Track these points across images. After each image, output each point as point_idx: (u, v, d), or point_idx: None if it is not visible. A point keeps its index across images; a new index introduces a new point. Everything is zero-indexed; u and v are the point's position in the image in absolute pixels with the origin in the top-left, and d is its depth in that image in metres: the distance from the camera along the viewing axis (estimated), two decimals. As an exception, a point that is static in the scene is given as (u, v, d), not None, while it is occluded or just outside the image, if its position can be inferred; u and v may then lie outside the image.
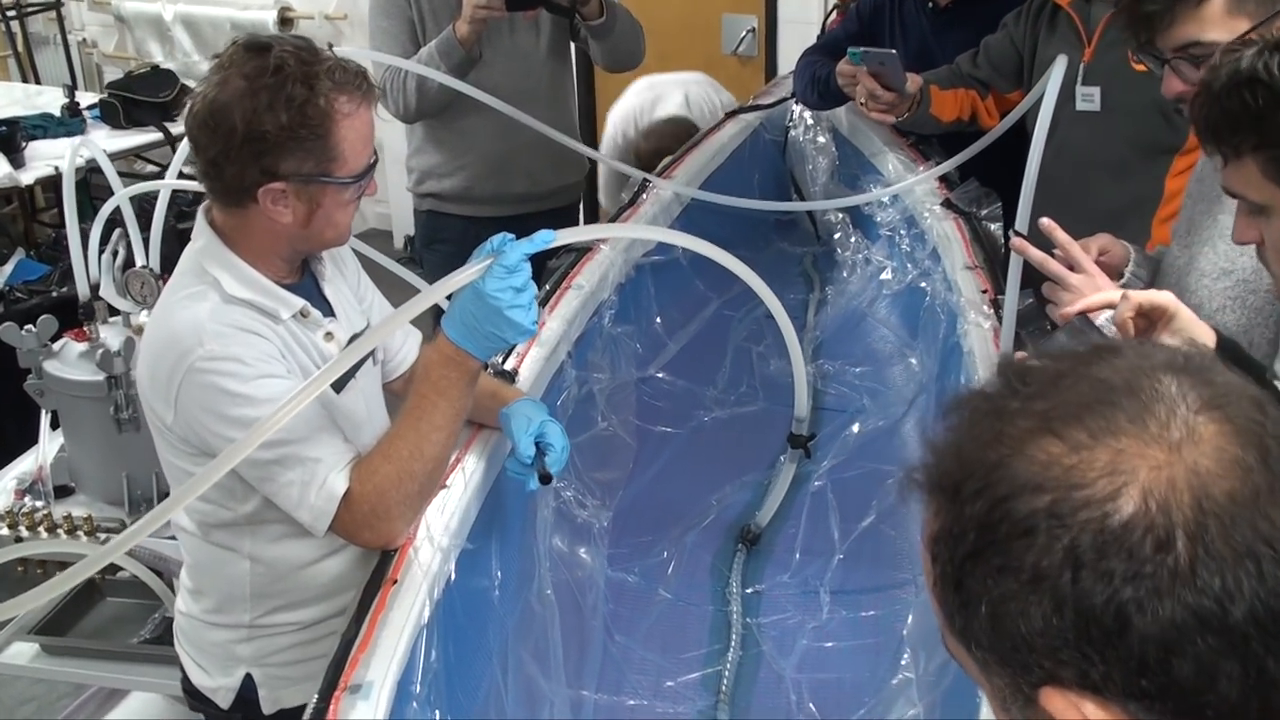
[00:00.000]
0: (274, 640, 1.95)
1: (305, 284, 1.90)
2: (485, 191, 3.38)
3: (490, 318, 1.70)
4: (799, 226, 3.67)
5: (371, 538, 1.78)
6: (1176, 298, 1.85)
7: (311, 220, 1.76)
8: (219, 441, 1.73)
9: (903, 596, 2.21)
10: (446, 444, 1.79)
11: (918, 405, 2.70)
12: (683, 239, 1.91)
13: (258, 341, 1.76)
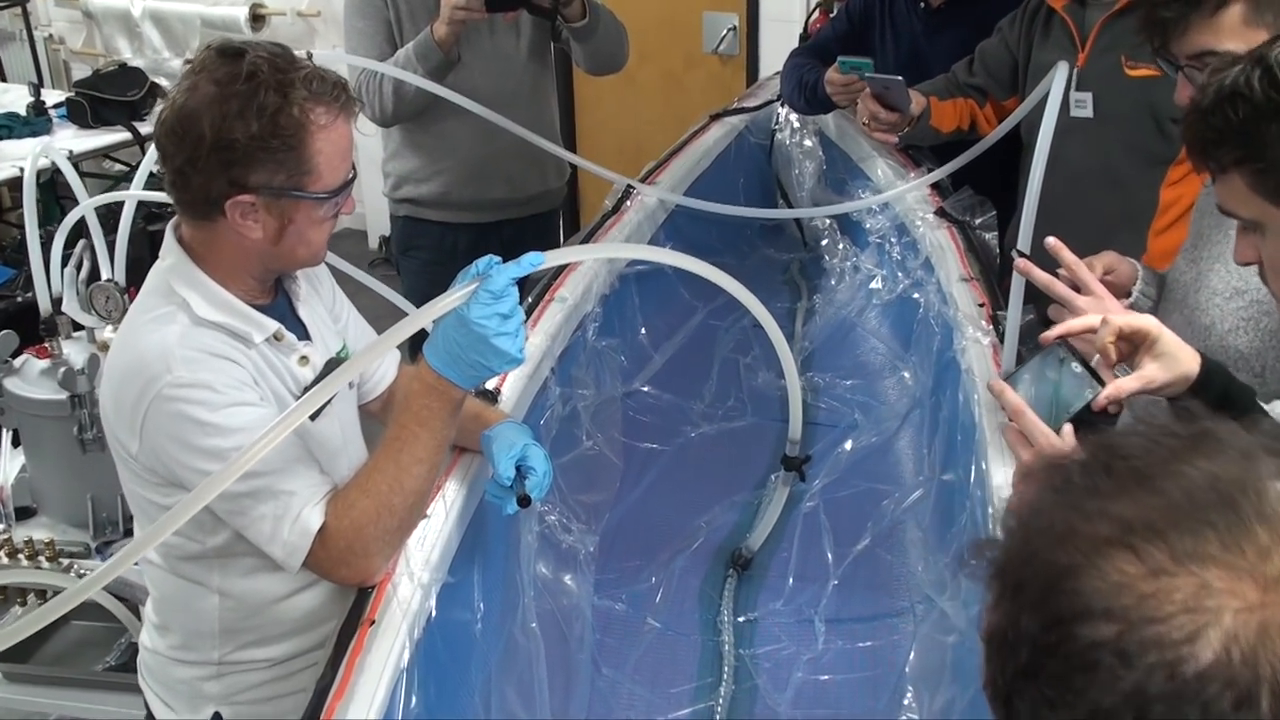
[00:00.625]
0: (244, 677, 1.85)
1: (279, 305, 1.81)
2: (464, 197, 3.28)
3: (475, 346, 1.61)
4: (785, 232, 3.59)
5: (348, 575, 1.69)
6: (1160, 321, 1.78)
7: (283, 237, 1.67)
8: (187, 473, 1.64)
9: (901, 626, 2.13)
10: (428, 477, 1.70)
11: (911, 421, 2.63)
12: (678, 259, 1.83)
13: (229, 367, 1.67)
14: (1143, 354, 1.54)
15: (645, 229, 2.96)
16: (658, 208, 3.03)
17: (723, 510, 2.47)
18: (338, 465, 1.81)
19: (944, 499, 2.29)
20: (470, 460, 1.96)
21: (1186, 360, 1.53)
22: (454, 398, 1.67)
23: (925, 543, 2.26)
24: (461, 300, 1.59)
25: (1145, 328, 1.53)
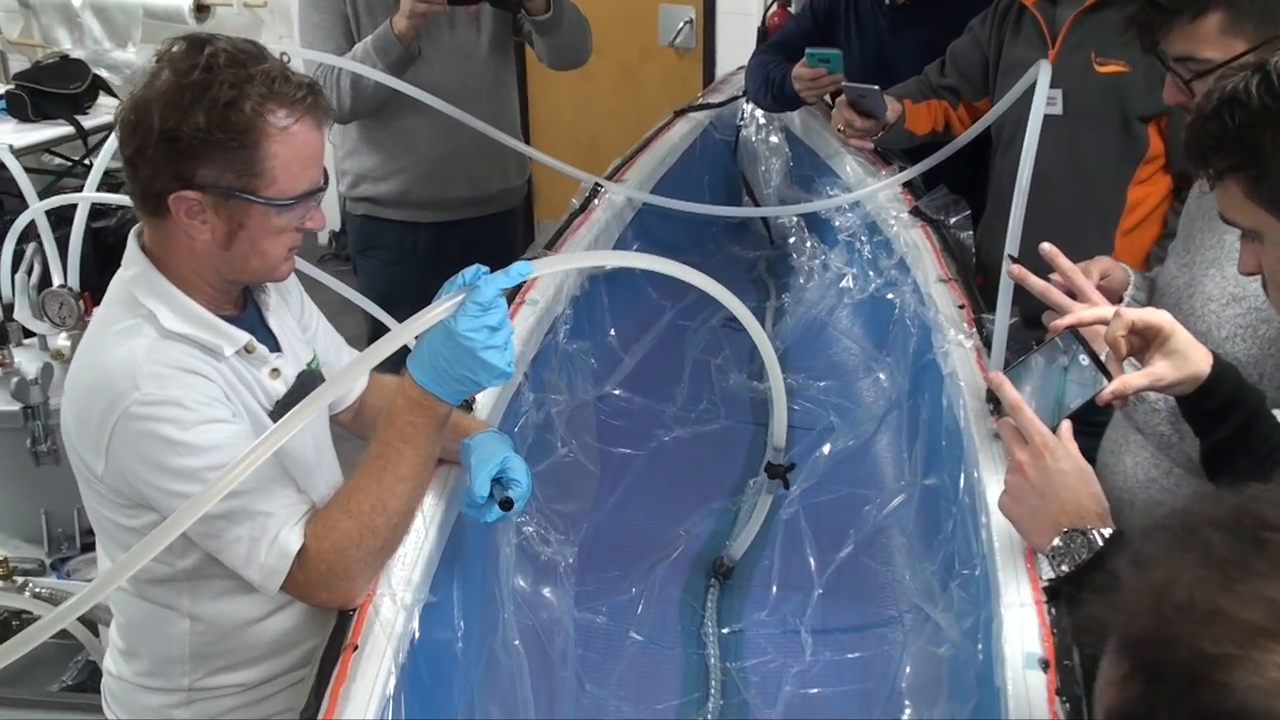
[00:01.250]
0: (216, 703, 1.78)
1: (248, 315, 1.73)
2: (424, 196, 3.20)
3: (462, 360, 1.54)
4: (751, 230, 3.55)
5: (329, 598, 1.63)
6: (1173, 317, 1.76)
7: (233, 243, 1.59)
8: (157, 494, 1.56)
9: (890, 636, 2.09)
10: (412, 496, 1.64)
11: (889, 424, 2.59)
12: (678, 269, 1.76)
13: (199, 383, 1.59)
14: (1154, 351, 1.51)
15: (614, 228, 2.90)
16: (625, 206, 2.98)
17: (701, 517, 2.42)
18: (313, 481, 1.74)
19: (928, 504, 2.25)
20: (447, 472, 1.90)
21: (1198, 360, 1.50)
22: (439, 414, 1.61)
23: (911, 550, 2.23)
24: (448, 312, 1.53)
25: (1159, 323, 1.51)
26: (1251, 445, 1.50)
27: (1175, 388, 1.51)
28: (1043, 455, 1.37)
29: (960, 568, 1.92)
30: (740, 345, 3.03)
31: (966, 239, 2.66)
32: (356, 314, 2.62)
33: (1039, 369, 1.50)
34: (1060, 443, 1.39)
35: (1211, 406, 1.52)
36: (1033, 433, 1.39)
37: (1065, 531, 1.33)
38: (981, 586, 1.79)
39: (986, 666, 1.66)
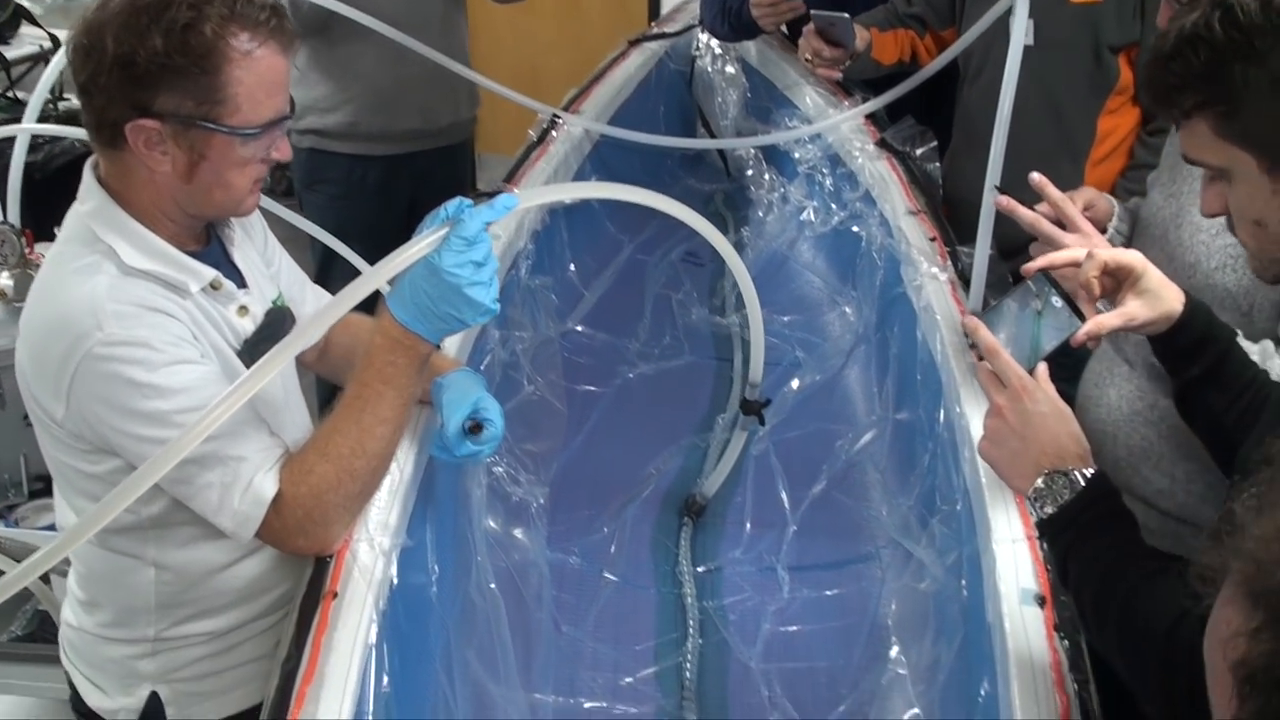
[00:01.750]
0: (183, 653, 1.71)
1: (212, 250, 1.65)
2: (373, 128, 3.10)
3: (447, 297, 1.47)
4: (707, 162, 3.48)
5: (305, 544, 1.57)
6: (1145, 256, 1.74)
7: (195, 174, 1.50)
8: (123, 439, 1.49)
9: (868, 572, 2.08)
10: (393, 438, 1.58)
11: (857, 358, 2.57)
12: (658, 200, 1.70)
13: (166, 322, 1.50)
14: (1126, 290, 1.49)
15: (572, 161, 2.83)
16: (583, 138, 2.90)
17: (670, 455, 2.39)
18: (282, 423, 1.67)
19: (902, 439, 2.23)
20: (419, 413, 1.84)
21: (1170, 299, 1.49)
22: (421, 353, 1.54)
23: (885, 485, 2.21)
24: (432, 247, 1.46)
25: (1130, 263, 1.49)
26: (1224, 383, 1.49)
27: (1148, 327, 1.49)
28: (1021, 398, 1.35)
29: (941, 503, 1.90)
30: (701, 280, 2.99)
31: (933, 171, 2.62)
32: (303, 251, 2.53)
33: (1013, 312, 1.47)
34: (1038, 385, 1.36)
35: (1183, 344, 1.50)
36: (1010, 376, 1.37)
37: (1047, 473, 1.31)
38: (964, 522, 1.77)
39: (974, 602, 1.64)
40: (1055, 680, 1.38)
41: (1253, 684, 0.61)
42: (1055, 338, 1.44)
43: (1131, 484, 1.84)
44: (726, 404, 2.54)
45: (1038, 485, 1.32)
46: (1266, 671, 0.60)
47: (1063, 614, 1.47)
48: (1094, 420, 1.90)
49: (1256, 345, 1.64)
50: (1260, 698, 0.60)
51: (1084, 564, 1.28)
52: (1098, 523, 1.28)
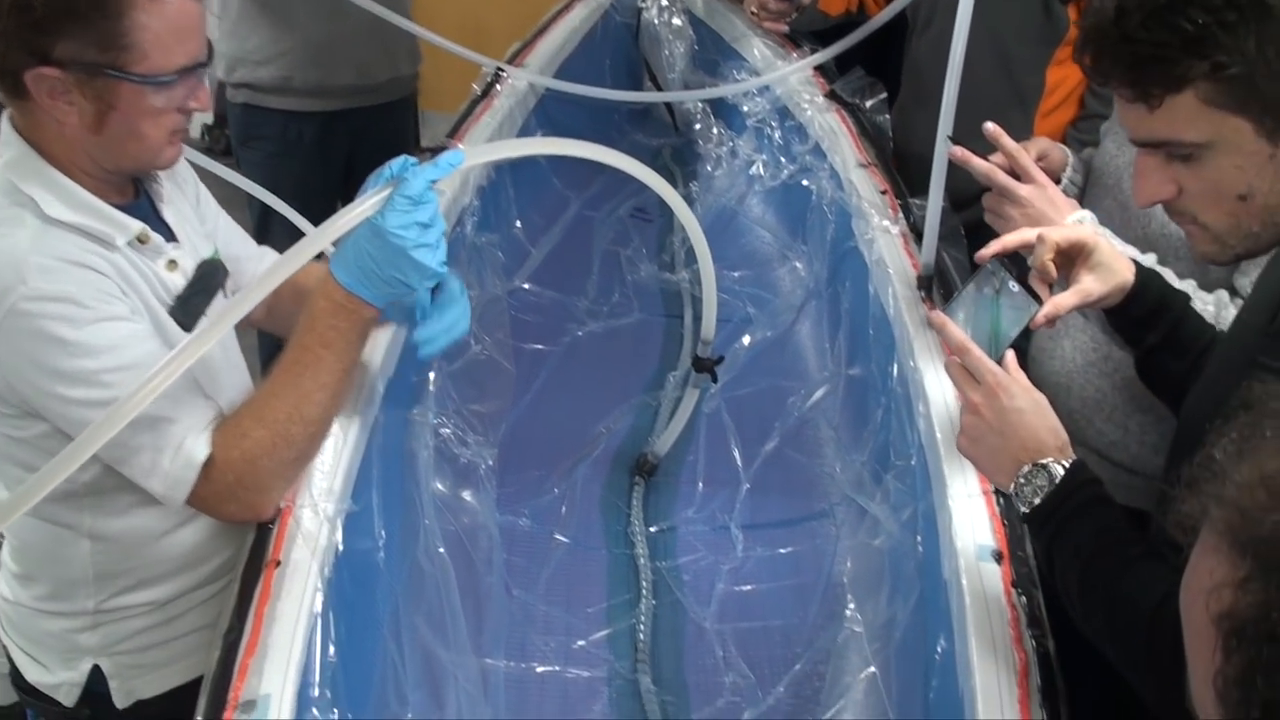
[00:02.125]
0: (124, 625, 1.66)
1: (140, 205, 1.58)
2: (308, 82, 3.03)
3: (392, 260, 1.42)
4: (654, 116, 3.42)
5: (236, 510, 1.52)
6: (1091, 209, 1.73)
7: (104, 125, 1.43)
8: (48, 401, 1.43)
9: (822, 530, 2.06)
10: (332, 404, 1.53)
11: (808, 313, 2.54)
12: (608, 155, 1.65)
13: (93, 277, 1.44)
14: (1079, 267, 1.48)
15: (517, 115, 2.76)
16: (528, 92, 2.84)
17: (620, 414, 2.35)
18: (220, 385, 1.62)
19: (854, 395, 2.21)
20: (362, 372, 1.79)
21: (1122, 270, 1.47)
22: (365, 317, 1.50)
23: (838, 441, 2.19)
24: (375, 208, 1.40)
25: (1081, 239, 1.47)
26: (1181, 347, 1.49)
27: (1104, 300, 1.48)
28: (997, 395, 1.32)
29: (895, 459, 1.88)
30: (650, 235, 2.95)
31: (883, 123, 2.59)
32: (241, 210, 2.45)
33: (973, 301, 1.44)
34: (1012, 379, 1.33)
35: (1138, 314, 1.49)
36: (984, 372, 1.34)
37: (1027, 469, 1.28)
38: (919, 477, 1.75)
39: (929, 558, 1.63)
40: (1014, 637, 1.37)
41: (1241, 636, 0.58)
42: (1016, 323, 1.41)
43: (1085, 436, 1.83)
44: (677, 361, 2.51)
45: (1019, 481, 1.30)
46: (1257, 623, 0.58)
47: (1020, 570, 1.45)
48: (1048, 372, 1.88)
49: (1212, 295, 1.63)
50: (1250, 650, 0.58)
51: (1067, 554, 1.27)
52: (1078, 512, 1.26)
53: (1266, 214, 1.19)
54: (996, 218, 1.73)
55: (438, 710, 1.65)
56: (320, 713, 1.36)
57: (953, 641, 1.43)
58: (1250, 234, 1.22)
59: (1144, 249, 1.68)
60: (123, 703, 1.69)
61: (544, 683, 1.82)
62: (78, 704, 1.69)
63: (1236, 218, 1.22)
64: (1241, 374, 1.23)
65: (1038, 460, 1.28)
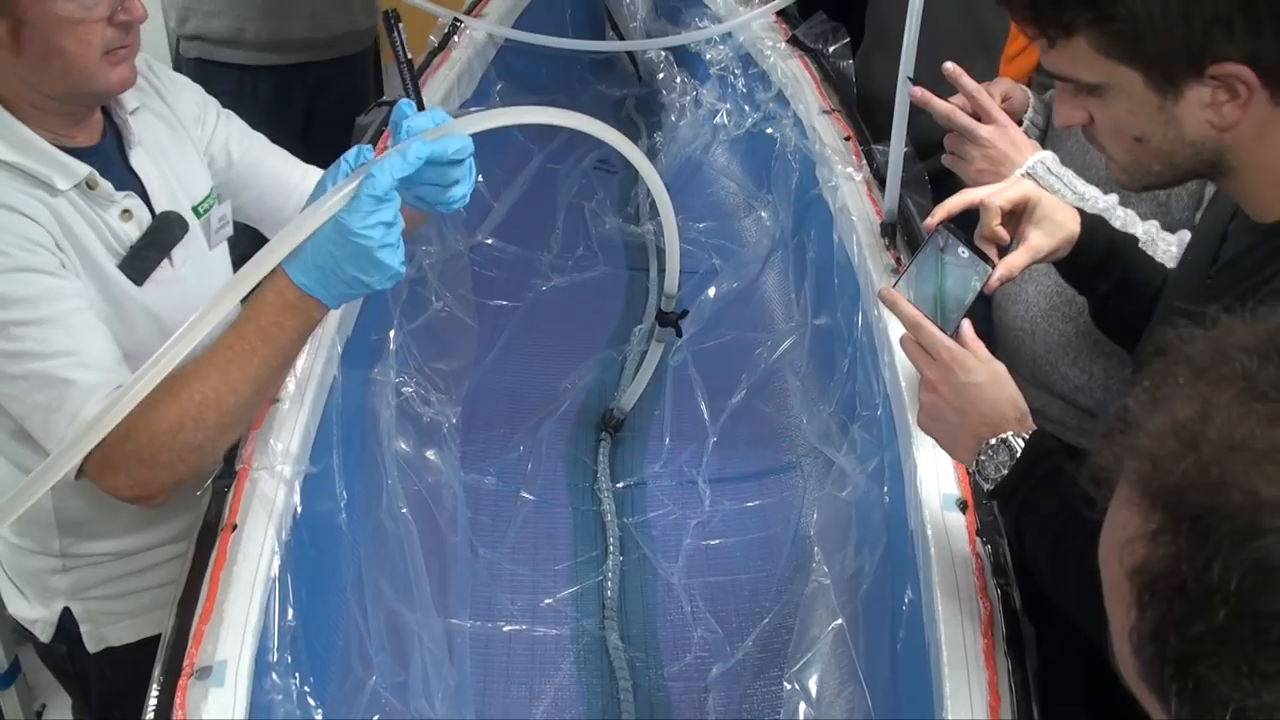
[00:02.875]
0: (93, 571, 1.64)
1: (103, 148, 1.52)
2: (261, 35, 2.96)
3: (355, 260, 1.33)
4: (617, 66, 3.38)
5: (124, 484, 1.40)
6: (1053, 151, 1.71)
7: (20, 43, 1.36)
8: None
9: (789, 482, 2.04)
10: (254, 400, 1.44)
11: (774, 263, 2.52)
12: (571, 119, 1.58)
13: (20, 223, 1.38)
14: (1024, 223, 1.45)
15: (476, 67, 2.72)
16: (487, 43, 2.79)
17: (586, 369, 2.32)
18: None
19: (820, 345, 2.19)
20: (321, 330, 1.76)
21: (1068, 221, 1.45)
22: (314, 319, 1.40)
23: (805, 392, 2.17)
24: (339, 205, 1.29)
25: (1024, 195, 1.44)
26: (1135, 292, 1.47)
27: (1053, 254, 1.45)
28: (952, 370, 1.29)
29: (861, 409, 1.87)
30: (614, 188, 2.92)
31: (846, 68, 2.55)
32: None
33: (925, 271, 1.40)
34: (968, 353, 1.30)
35: (1088, 263, 1.47)
36: (938, 348, 1.30)
37: (990, 443, 1.26)
38: (885, 427, 1.74)
39: (896, 509, 1.61)
40: (979, 586, 1.36)
41: (1153, 591, 0.57)
42: (968, 288, 1.37)
43: (1049, 380, 1.82)
44: (642, 315, 2.48)
45: (980, 458, 1.27)
46: (1168, 577, 0.56)
47: (985, 518, 1.44)
48: (1012, 317, 1.87)
49: (1174, 236, 1.62)
50: (1162, 605, 0.56)
51: (1035, 529, 1.25)
52: (1043, 485, 1.24)
53: (1164, 157, 1.18)
54: (958, 159, 1.71)
55: (403, 672, 1.63)
56: (280, 677, 1.34)
57: (919, 592, 1.42)
58: (1151, 172, 1.20)
59: (1106, 190, 1.66)
60: (93, 647, 1.68)
61: (510, 642, 1.80)
62: (54, 640, 1.69)
63: (1135, 156, 1.20)
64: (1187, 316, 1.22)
65: (997, 434, 1.26)
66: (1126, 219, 1.63)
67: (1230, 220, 1.23)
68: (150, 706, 1.25)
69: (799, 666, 1.56)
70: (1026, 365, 1.85)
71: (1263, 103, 1.09)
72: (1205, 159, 1.15)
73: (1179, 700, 0.56)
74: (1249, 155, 1.13)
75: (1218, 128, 1.11)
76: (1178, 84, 1.11)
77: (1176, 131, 1.14)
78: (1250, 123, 1.11)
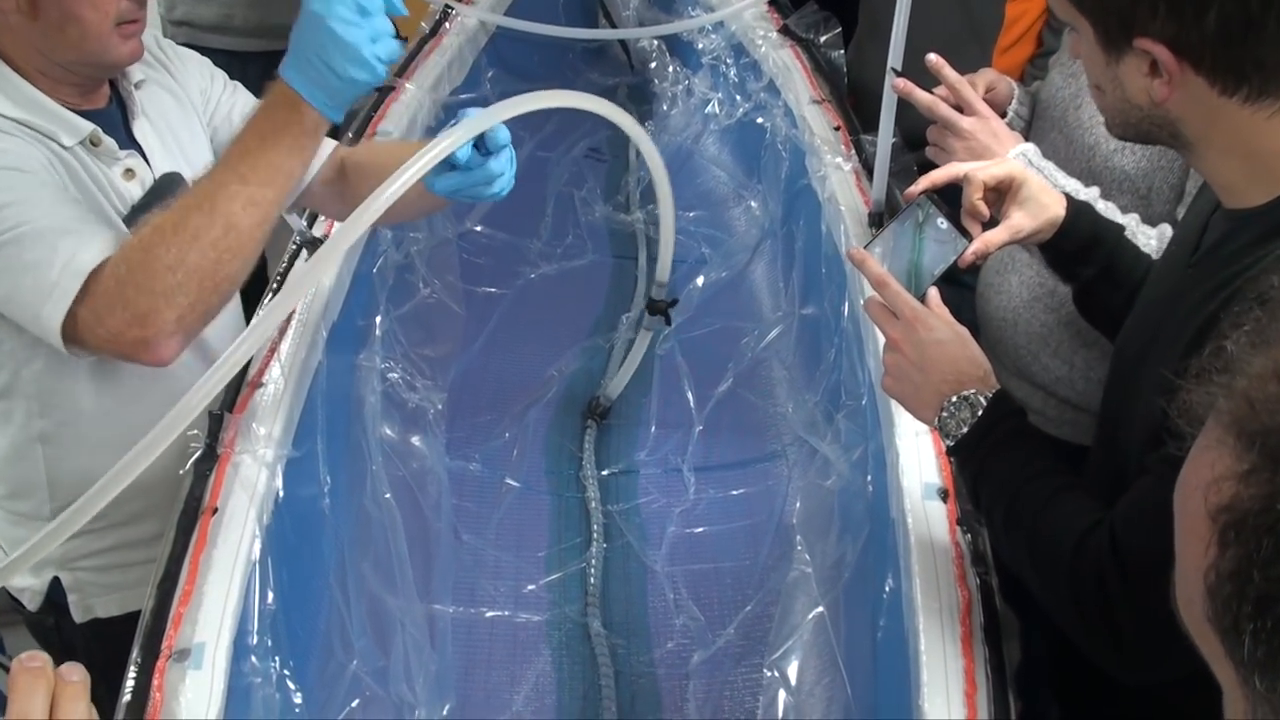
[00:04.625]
0: (84, 541, 1.64)
1: (107, 113, 1.53)
2: (249, 21, 2.97)
3: (318, 40, 1.30)
4: (609, 55, 3.37)
5: (121, 323, 1.31)
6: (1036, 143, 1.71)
7: (39, 10, 1.38)
8: None
9: (774, 471, 2.05)
10: (259, 219, 1.36)
11: (763, 253, 2.51)
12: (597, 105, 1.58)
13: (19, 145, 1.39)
14: (1009, 202, 1.45)
15: (467, 54, 2.72)
16: (479, 30, 2.79)
17: (573, 357, 2.32)
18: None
19: (807, 334, 2.19)
20: (306, 308, 1.76)
21: (1053, 205, 1.45)
22: (307, 119, 1.36)
23: (791, 382, 2.17)
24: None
25: (1010, 174, 1.44)
26: (1118, 279, 1.47)
27: (1035, 236, 1.45)
28: (915, 329, 1.30)
29: (846, 398, 1.87)
30: (604, 176, 2.91)
31: (837, 58, 2.55)
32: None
33: (896, 237, 1.40)
34: (931, 312, 1.31)
35: (1072, 248, 1.47)
36: (901, 307, 1.31)
37: (952, 400, 1.26)
38: (869, 417, 1.74)
39: (878, 498, 1.62)
40: (957, 574, 1.36)
41: (1239, 529, 0.58)
42: (943, 259, 1.37)
43: (1031, 371, 1.82)
44: (631, 303, 2.48)
45: (942, 415, 1.27)
46: (1259, 515, 0.57)
47: (965, 507, 1.44)
48: (995, 308, 1.87)
49: (1155, 229, 1.62)
50: (1248, 544, 0.57)
51: (992, 486, 1.25)
52: (1002, 444, 1.24)
53: (1118, 113, 1.19)
54: (940, 150, 1.71)
55: (384, 657, 1.64)
56: (259, 660, 1.35)
57: (900, 581, 1.42)
58: (1116, 123, 1.22)
59: (1088, 182, 1.66)
60: (80, 617, 1.69)
61: (493, 628, 1.80)
62: (41, 610, 1.69)
63: (1101, 103, 1.23)
64: (1166, 306, 1.22)
65: (959, 391, 1.26)
66: (1107, 212, 1.63)
67: (1213, 210, 1.23)
68: (128, 688, 1.25)
69: (779, 654, 1.56)
70: (1008, 356, 1.85)
71: (1199, 86, 1.10)
72: (1158, 124, 1.16)
73: (1253, 640, 0.57)
74: (1202, 133, 1.14)
75: (1154, 100, 1.13)
76: (1118, 46, 1.13)
77: (1122, 92, 1.16)
78: (1190, 103, 1.12)
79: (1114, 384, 1.37)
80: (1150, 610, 1.08)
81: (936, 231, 1.38)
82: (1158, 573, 0.97)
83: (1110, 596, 1.11)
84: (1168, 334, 1.18)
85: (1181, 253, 1.27)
